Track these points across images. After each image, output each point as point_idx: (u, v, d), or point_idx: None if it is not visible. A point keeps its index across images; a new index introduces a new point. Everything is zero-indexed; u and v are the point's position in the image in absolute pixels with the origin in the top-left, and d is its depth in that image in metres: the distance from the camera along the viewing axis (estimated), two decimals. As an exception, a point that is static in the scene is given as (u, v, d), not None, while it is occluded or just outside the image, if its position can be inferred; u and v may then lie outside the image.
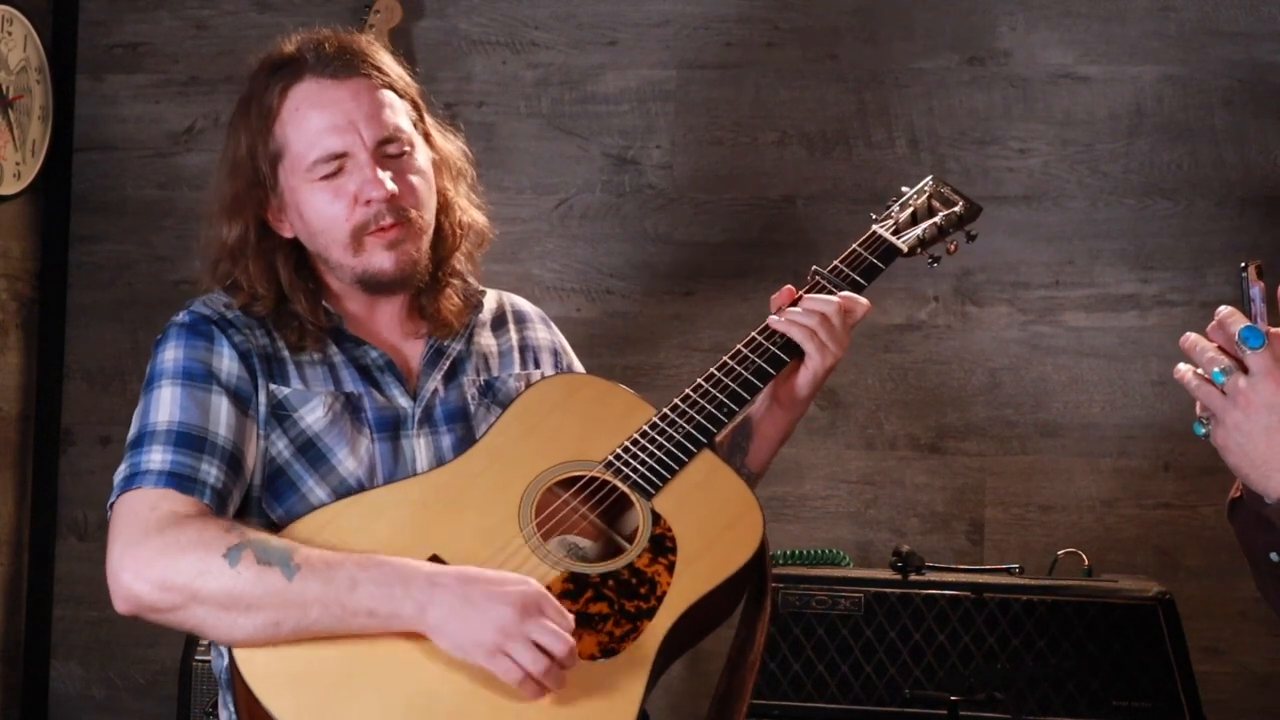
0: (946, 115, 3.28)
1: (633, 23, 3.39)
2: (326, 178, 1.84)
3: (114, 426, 3.51)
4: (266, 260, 1.88)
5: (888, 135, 3.30)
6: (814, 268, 2.01)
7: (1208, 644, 2.98)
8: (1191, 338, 1.50)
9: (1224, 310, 1.47)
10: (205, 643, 2.96)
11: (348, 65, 1.86)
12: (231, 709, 1.81)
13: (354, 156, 1.84)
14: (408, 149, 1.88)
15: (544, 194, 3.36)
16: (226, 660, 1.81)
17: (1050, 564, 2.84)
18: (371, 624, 1.65)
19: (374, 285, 1.89)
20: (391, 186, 1.84)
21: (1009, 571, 2.75)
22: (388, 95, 1.88)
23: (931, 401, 3.25)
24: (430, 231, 1.91)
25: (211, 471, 1.73)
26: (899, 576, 2.63)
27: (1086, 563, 2.79)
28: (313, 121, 1.84)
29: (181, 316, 1.85)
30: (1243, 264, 1.47)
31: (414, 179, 1.88)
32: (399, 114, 1.89)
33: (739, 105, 3.34)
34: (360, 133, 1.84)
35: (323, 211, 1.85)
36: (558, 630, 1.64)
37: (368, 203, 1.83)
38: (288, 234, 1.90)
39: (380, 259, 1.85)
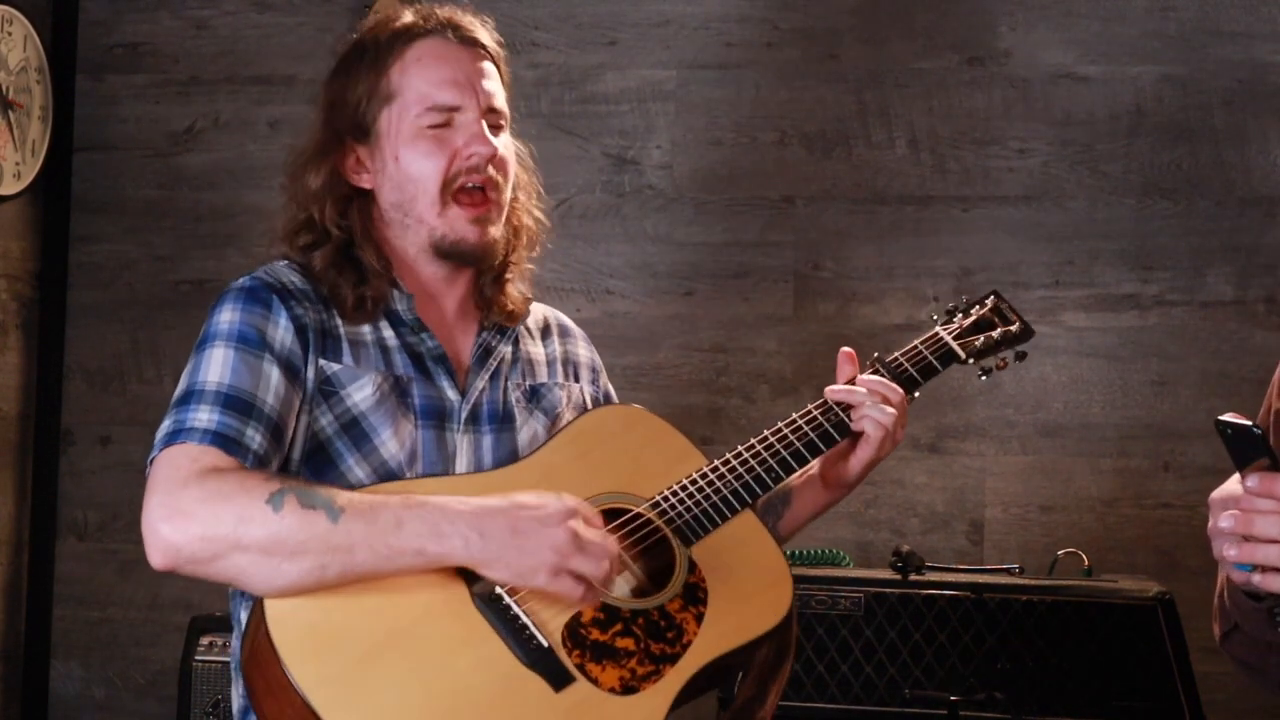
0: (946, 115, 3.28)
1: (633, 23, 3.39)
2: (433, 127, 1.87)
3: (114, 426, 3.51)
4: (342, 206, 1.90)
5: (888, 135, 3.30)
6: (875, 355, 2.05)
7: (1208, 644, 2.97)
8: (1239, 516, 1.42)
9: (1255, 482, 1.41)
10: (205, 642, 2.96)
11: (470, 36, 1.92)
12: (244, 692, 1.79)
13: (465, 112, 1.88)
14: (504, 125, 1.94)
15: (544, 194, 3.35)
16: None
17: (1050, 564, 2.84)
18: (419, 562, 1.66)
19: (450, 252, 1.90)
20: (497, 144, 1.89)
21: (1009, 571, 2.75)
22: (497, 73, 1.95)
23: (931, 401, 3.25)
24: (506, 212, 1.95)
25: (256, 438, 1.72)
26: (899, 576, 2.63)
27: (1086, 563, 2.79)
28: (435, 71, 1.88)
29: (243, 281, 1.83)
30: (1252, 425, 1.41)
31: (508, 153, 1.93)
32: (502, 93, 1.95)
33: (739, 105, 3.35)
34: (476, 92, 1.89)
35: (420, 161, 1.87)
36: (603, 536, 1.71)
37: (469, 157, 1.87)
38: (365, 184, 1.91)
39: (464, 228, 1.88)
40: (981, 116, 3.27)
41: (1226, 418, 1.39)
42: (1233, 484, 1.45)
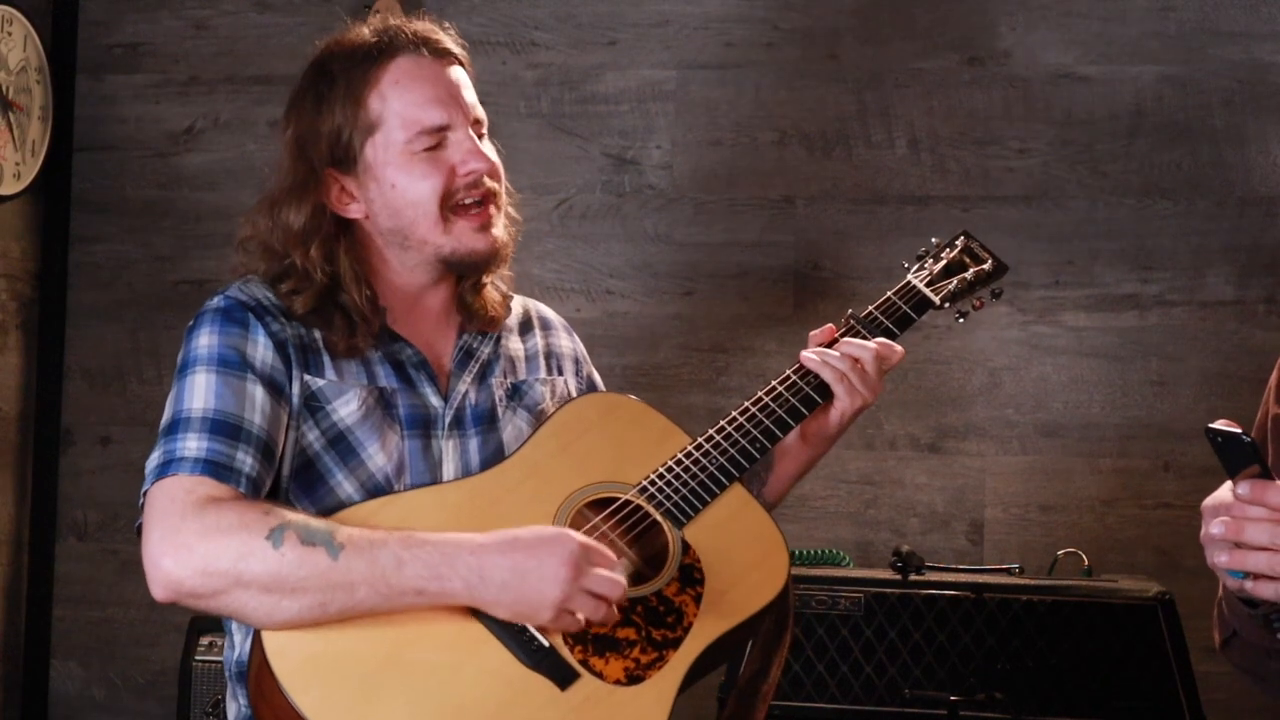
0: (946, 115, 3.28)
1: (633, 23, 3.39)
2: (427, 150, 1.84)
3: (114, 426, 3.51)
4: (329, 246, 1.86)
5: (888, 135, 3.30)
6: (849, 311, 2.03)
7: (1208, 644, 2.97)
8: (1231, 523, 1.42)
9: (1246, 490, 1.41)
10: (205, 642, 2.97)
11: (440, 47, 1.88)
12: (242, 702, 1.81)
13: (455, 130, 1.85)
14: (486, 132, 1.92)
15: (544, 194, 3.36)
16: (238, 653, 1.81)
17: (1050, 564, 2.85)
18: (420, 602, 1.66)
19: (462, 265, 1.88)
20: (493, 158, 1.87)
21: (1009, 571, 2.75)
22: (469, 79, 1.91)
23: (931, 401, 3.25)
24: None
25: (247, 461, 1.71)
26: (899, 576, 2.62)
27: (1086, 563, 2.79)
28: (416, 92, 1.84)
29: (217, 301, 1.82)
30: (1241, 433, 1.39)
31: (497, 159, 1.90)
32: (477, 98, 1.92)
33: (739, 105, 3.35)
34: (462, 107, 1.87)
35: (417, 185, 1.84)
36: (611, 576, 1.69)
37: (467, 175, 1.85)
38: (355, 214, 1.87)
39: (472, 239, 1.86)
40: (981, 116, 3.27)
41: (1217, 425, 1.39)
42: (1224, 491, 1.45)
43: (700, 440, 1.88)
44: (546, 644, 1.68)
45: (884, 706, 2.55)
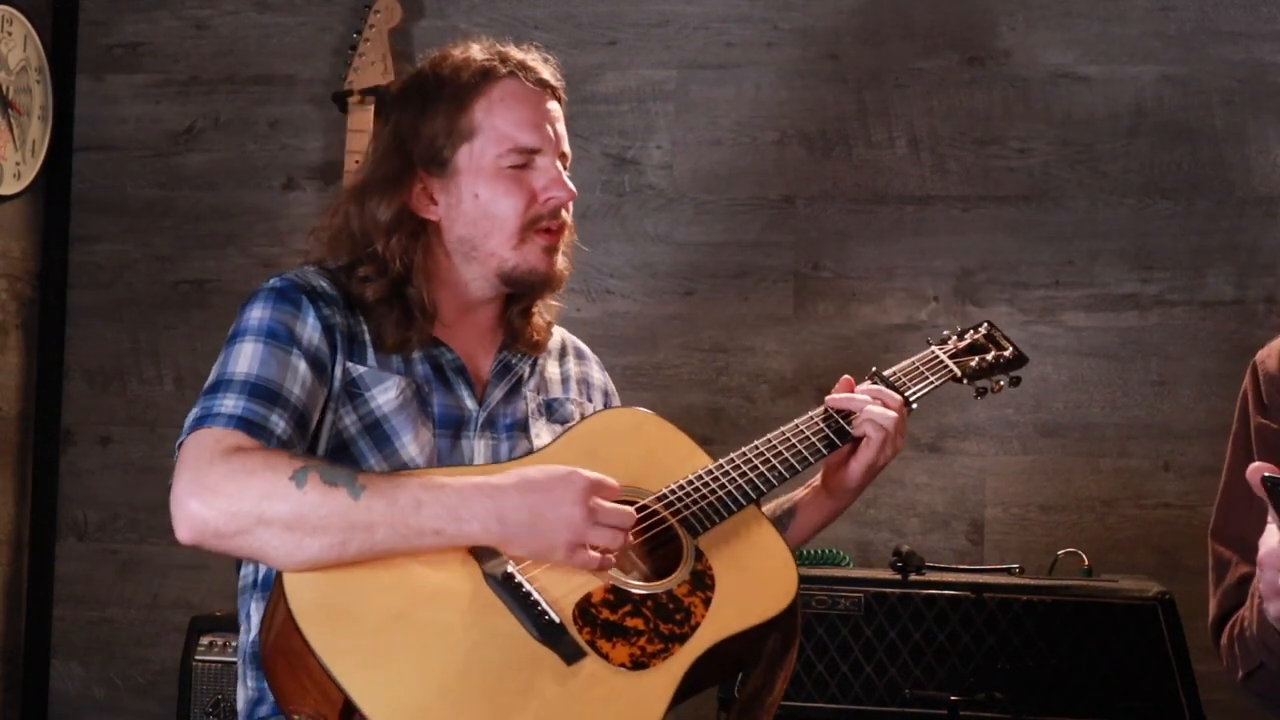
0: (946, 115, 3.28)
1: (633, 23, 3.39)
2: (513, 168, 1.93)
3: (114, 426, 3.51)
4: (409, 241, 1.93)
5: (888, 135, 3.30)
6: (874, 369, 2.10)
7: (1208, 644, 2.97)
8: None
9: None
10: (205, 642, 2.97)
11: (541, 78, 1.98)
12: (251, 685, 1.86)
13: (544, 155, 1.95)
14: (568, 167, 2.01)
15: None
16: (253, 636, 1.85)
17: (1050, 564, 2.84)
18: (438, 542, 1.71)
19: (520, 281, 1.97)
20: (573, 189, 1.97)
21: (1009, 571, 2.75)
22: (562, 114, 2.02)
23: (932, 401, 3.23)
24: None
25: (280, 423, 1.77)
26: (899, 576, 2.62)
27: (1086, 563, 2.79)
28: (517, 113, 1.94)
29: (274, 281, 1.89)
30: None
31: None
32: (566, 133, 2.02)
33: (739, 105, 3.35)
34: (554, 136, 1.96)
35: (499, 200, 1.93)
36: (619, 509, 1.77)
37: (547, 201, 1.94)
38: (431, 216, 1.95)
39: (537, 258, 1.96)
40: (981, 116, 3.27)
41: (1275, 475, 1.40)
42: (1274, 538, 1.46)
43: (722, 461, 1.95)
44: (557, 620, 1.71)
45: (884, 706, 2.56)
